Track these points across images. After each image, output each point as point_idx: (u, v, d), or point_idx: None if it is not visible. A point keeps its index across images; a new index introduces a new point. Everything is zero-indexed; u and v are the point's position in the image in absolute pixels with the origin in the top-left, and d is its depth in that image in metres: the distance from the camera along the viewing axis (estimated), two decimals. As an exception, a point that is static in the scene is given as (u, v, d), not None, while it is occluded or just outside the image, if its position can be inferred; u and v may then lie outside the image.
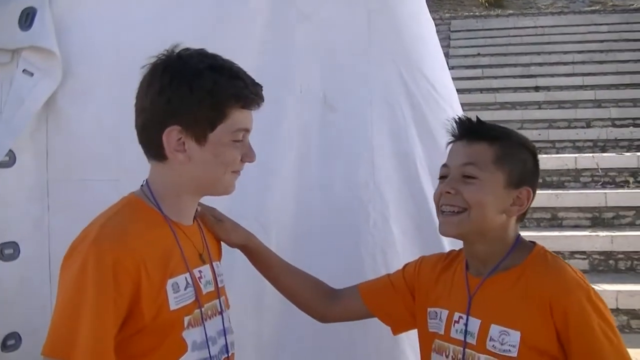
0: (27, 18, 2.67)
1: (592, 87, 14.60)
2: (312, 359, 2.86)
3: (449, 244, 3.01)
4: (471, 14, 19.93)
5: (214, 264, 2.27)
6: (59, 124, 2.73)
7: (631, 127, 12.39)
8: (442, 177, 2.37)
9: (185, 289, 2.07)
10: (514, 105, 14.21)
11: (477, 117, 2.40)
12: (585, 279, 2.21)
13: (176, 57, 2.10)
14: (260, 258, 2.57)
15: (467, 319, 2.27)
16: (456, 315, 2.32)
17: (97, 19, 2.81)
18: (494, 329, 2.20)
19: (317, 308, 2.62)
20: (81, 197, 2.72)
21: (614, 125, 12.64)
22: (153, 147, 2.12)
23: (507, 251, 2.30)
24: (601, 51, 16.27)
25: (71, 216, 2.65)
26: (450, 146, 2.42)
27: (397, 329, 2.62)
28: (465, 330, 2.26)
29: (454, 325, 2.31)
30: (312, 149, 2.98)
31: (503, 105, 14.38)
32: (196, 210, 2.28)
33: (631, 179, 9.60)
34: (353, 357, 2.97)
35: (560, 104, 13.96)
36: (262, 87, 2.17)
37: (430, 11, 3.17)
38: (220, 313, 2.22)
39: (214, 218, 2.43)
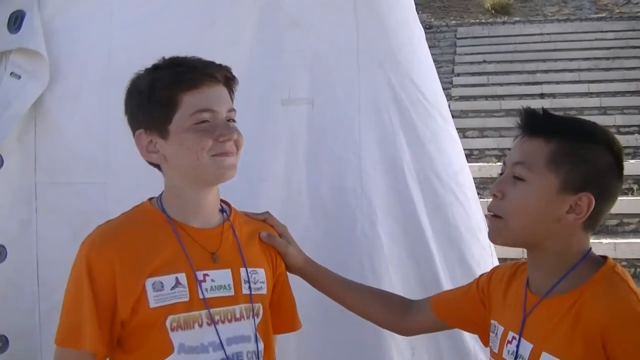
0: (15, 21, 2.69)
1: (598, 94, 14.57)
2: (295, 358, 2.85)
3: (437, 251, 3.01)
4: (477, 21, 19.92)
5: (247, 269, 2.23)
6: (47, 127, 2.74)
7: (636, 134, 12.34)
8: (500, 174, 2.09)
9: (172, 288, 2.08)
10: (517, 114, 14.14)
11: (542, 108, 2.04)
12: None
13: (137, 74, 2.18)
14: (320, 282, 2.52)
15: (519, 341, 2.03)
16: (510, 334, 2.08)
17: (86, 22, 2.82)
18: (545, 358, 1.95)
19: (391, 324, 2.55)
20: (69, 200, 2.74)
21: (619, 133, 12.56)
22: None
23: (570, 268, 1.99)
24: (607, 58, 16.23)
25: (59, 219, 2.70)
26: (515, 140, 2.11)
27: (483, 339, 2.36)
28: (517, 353, 2.03)
29: (506, 345, 2.08)
30: (300, 154, 2.97)
31: (508, 112, 14.29)
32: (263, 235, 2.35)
33: (635, 186, 9.55)
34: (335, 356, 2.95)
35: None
36: (221, 66, 2.18)
37: (436, 18, 3.18)
38: (239, 320, 2.19)
39: (282, 240, 2.42)
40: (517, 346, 2.03)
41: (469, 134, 13.82)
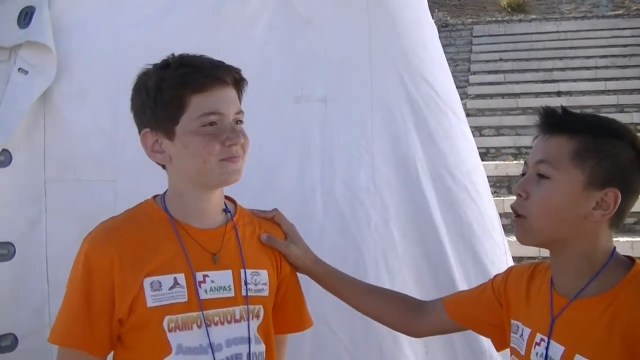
0: (25, 16, 2.69)
1: (615, 91, 14.55)
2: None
3: (450, 249, 2.99)
4: (493, 19, 19.90)
5: (248, 271, 2.19)
6: (56, 124, 2.73)
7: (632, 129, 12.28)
8: (522, 175, 2.05)
9: (170, 288, 2.06)
10: (535, 111, 14.00)
11: (562, 106, 2.02)
12: None
13: (144, 70, 2.15)
14: (328, 282, 2.48)
15: (548, 343, 1.98)
16: (538, 336, 2.02)
17: (95, 19, 2.81)
18: None
19: (402, 326, 2.50)
20: (78, 197, 2.73)
21: (637, 130, 12.47)
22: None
23: (598, 269, 1.93)
24: (624, 56, 16.20)
25: (68, 216, 2.68)
26: (535, 140, 2.07)
27: (498, 342, 2.34)
28: (546, 355, 1.98)
29: (534, 347, 2.03)
30: (312, 152, 2.95)
31: (525, 111, 14.33)
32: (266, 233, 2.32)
33: (653, 185, 9.48)
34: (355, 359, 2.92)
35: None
36: (230, 68, 2.14)
37: (452, 16, 3.16)
38: (239, 321, 2.16)
39: (285, 240, 2.38)
40: (547, 348, 1.98)
41: (485, 132, 13.83)
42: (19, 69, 2.65)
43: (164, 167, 2.17)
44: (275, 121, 2.89)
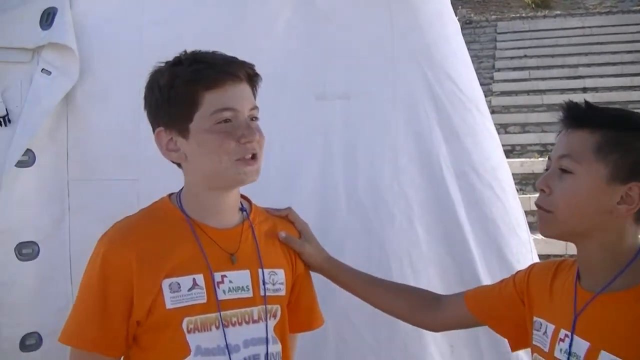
0: (47, 18, 2.69)
1: (641, 87, 14.43)
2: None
3: (475, 247, 2.97)
4: (518, 15, 19.82)
5: (265, 270, 2.19)
6: (78, 123, 2.74)
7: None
8: (546, 169, 2.04)
9: (189, 290, 2.05)
10: (561, 107, 14.00)
11: (585, 100, 2.01)
12: None
13: (156, 67, 2.14)
14: (343, 280, 2.47)
15: (571, 338, 1.95)
16: (562, 332, 1.99)
17: (117, 18, 2.81)
18: (604, 357, 1.85)
19: (419, 320, 2.50)
20: (101, 196, 2.73)
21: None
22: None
23: (625, 264, 1.91)
24: (651, 51, 16.08)
25: (91, 216, 2.68)
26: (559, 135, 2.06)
27: (513, 341, 2.32)
28: (569, 352, 1.94)
29: (558, 343, 1.99)
30: (335, 150, 2.94)
31: (550, 107, 14.21)
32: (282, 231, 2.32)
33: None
34: (380, 358, 2.91)
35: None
36: (244, 64, 2.11)
37: (476, 13, 3.15)
38: (257, 322, 2.15)
39: (299, 238, 2.38)
40: (570, 344, 1.95)
41: (510, 129, 13.78)
42: (42, 69, 2.65)
43: (179, 165, 2.15)
44: (297, 119, 2.89)
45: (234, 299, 2.11)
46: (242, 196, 2.27)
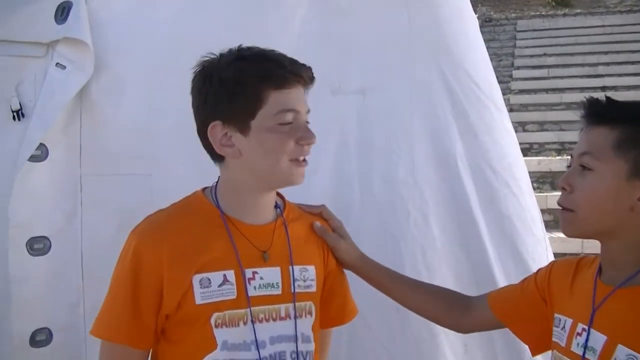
0: (62, 12, 2.69)
1: (661, 86, 14.38)
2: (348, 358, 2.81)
3: (490, 245, 2.94)
4: (537, 13, 19.79)
5: (296, 267, 2.17)
6: (93, 118, 2.73)
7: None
8: (568, 167, 2.02)
9: (219, 286, 2.03)
10: (580, 106, 13.96)
11: (605, 96, 1.99)
12: None
13: (209, 60, 2.08)
14: (375, 279, 2.45)
15: (588, 332, 1.93)
16: (579, 326, 1.97)
17: (132, 13, 2.80)
18: (621, 351, 1.83)
19: (448, 322, 2.48)
20: (114, 192, 2.73)
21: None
22: (209, 149, 2.10)
23: None
24: (670, 50, 16.02)
25: (104, 211, 2.69)
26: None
27: (534, 345, 2.29)
28: (586, 345, 1.92)
29: (576, 337, 1.97)
30: (351, 146, 2.92)
31: (569, 106, 14.21)
32: (316, 225, 2.31)
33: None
34: (393, 357, 2.89)
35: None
36: (307, 67, 2.10)
37: (495, 11, 3.12)
38: (284, 319, 2.13)
39: (335, 234, 2.36)
40: (587, 338, 1.93)
41: (528, 127, 13.76)
42: (57, 64, 2.65)
43: (217, 159, 2.12)
44: (312, 114, 2.84)
45: (262, 295, 2.09)
46: (277, 193, 2.26)
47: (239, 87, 2.00)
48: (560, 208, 2.00)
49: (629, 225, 1.91)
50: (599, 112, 1.96)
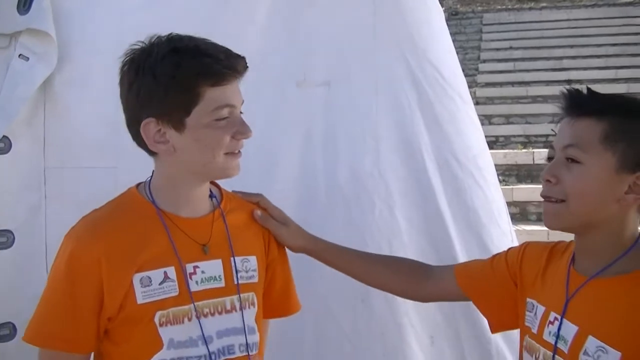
0: (25, 2, 2.64)
1: (626, 80, 14.55)
2: (313, 350, 2.80)
3: (456, 236, 2.96)
4: (504, 7, 19.89)
5: (237, 258, 2.14)
6: (56, 110, 2.70)
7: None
8: (549, 159, 2.01)
9: (160, 283, 2.01)
10: (545, 99, 14.12)
11: (587, 87, 1.98)
12: None
13: (140, 50, 2.03)
14: (327, 257, 2.44)
15: (561, 322, 1.95)
16: (552, 315, 1.99)
17: (96, 4, 2.77)
18: (591, 342, 1.84)
19: (406, 290, 2.47)
20: (78, 184, 2.69)
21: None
22: (140, 143, 2.06)
23: (623, 252, 1.90)
24: (635, 44, 16.22)
25: (68, 204, 2.64)
26: (559, 123, 2.04)
27: (496, 322, 2.31)
28: (558, 334, 1.94)
29: (548, 326, 1.99)
30: (315, 137, 2.91)
31: (535, 99, 14.34)
32: (257, 213, 2.29)
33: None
34: (357, 348, 2.89)
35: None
36: (241, 57, 2.03)
37: (462, 4, 3.12)
38: (230, 312, 2.12)
39: (277, 221, 2.33)
40: (559, 328, 1.95)
41: (494, 120, 13.83)
42: (20, 55, 2.61)
43: (151, 154, 2.08)
44: (277, 106, 2.86)
45: (206, 289, 2.07)
46: (212, 182, 2.23)
47: (174, 84, 1.94)
48: (545, 200, 1.99)
49: (612, 217, 1.92)
50: (583, 104, 1.95)
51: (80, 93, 2.71)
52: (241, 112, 2.08)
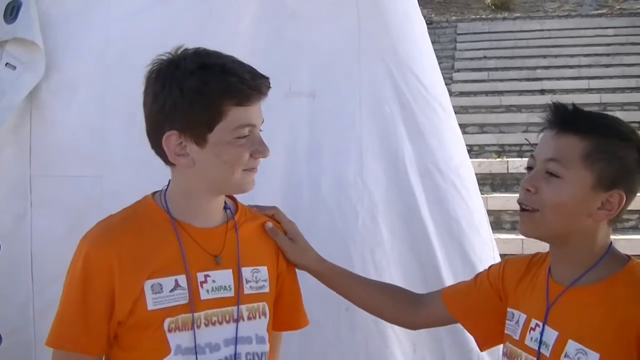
0: (12, 11, 2.65)
1: (598, 90, 14.60)
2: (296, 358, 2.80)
3: (439, 246, 2.98)
4: (478, 17, 19.93)
5: (247, 269, 2.19)
6: (43, 118, 2.70)
7: (637, 131, 12.34)
8: (528, 168, 2.09)
9: (171, 291, 2.04)
10: (519, 109, 14.20)
11: (573, 104, 2.06)
12: None
13: (168, 61, 2.04)
14: (330, 282, 2.47)
15: (542, 328, 2.05)
16: (533, 322, 2.09)
17: (82, 13, 2.77)
18: (571, 346, 1.95)
19: (401, 319, 2.53)
20: (64, 193, 2.70)
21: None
22: (160, 154, 2.09)
23: (595, 261, 2.01)
24: (607, 54, 16.29)
25: (54, 213, 2.66)
26: (542, 133, 2.11)
27: (483, 340, 2.38)
28: (540, 340, 2.04)
29: (529, 332, 2.09)
30: (300, 147, 2.93)
31: (508, 108, 14.39)
32: (268, 225, 2.33)
33: (635, 183, 9.52)
34: (341, 356, 2.92)
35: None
36: (265, 78, 2.09)
37: (436, 14, 3.15)
38: (238, 321, 2.14)
39: (286, 236, 2.37)
40: (541, 333, 2.04)
41: (469, 129, 13.83)
42: (7, 64, 2.62)
43: (169, 164, 2.10)
44: (263, 115, 2.87)
45: (215, 298, 2.10)
46: (228, 195, 2.26)
47: (200, 100, 1.98)
48: (521, 208, 2.08)
49: (584, 229, 2.01)
50: (569, 121, 2.02)
51: (67, 101, 2.72)
52: (260, 130, 2.12)
